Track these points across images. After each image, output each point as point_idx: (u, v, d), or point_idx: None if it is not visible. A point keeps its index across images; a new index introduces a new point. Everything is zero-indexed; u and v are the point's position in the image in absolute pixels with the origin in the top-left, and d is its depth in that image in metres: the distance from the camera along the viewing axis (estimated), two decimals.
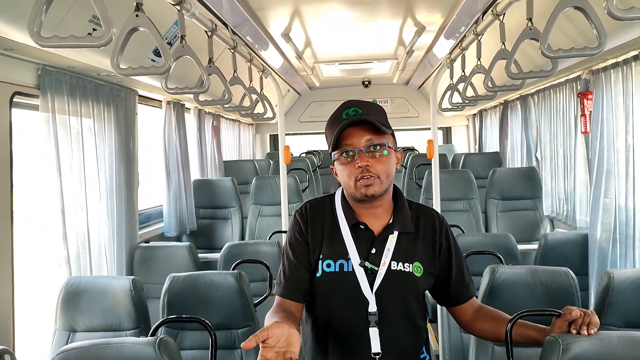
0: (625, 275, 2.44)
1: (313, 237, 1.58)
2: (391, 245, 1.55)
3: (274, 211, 4.99)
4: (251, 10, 3.23)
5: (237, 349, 2.60)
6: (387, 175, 1.53)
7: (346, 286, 1.53)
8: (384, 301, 1.52)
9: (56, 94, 2.78)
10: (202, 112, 5.39)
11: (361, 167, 1.49)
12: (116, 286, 2.64)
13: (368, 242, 1.56)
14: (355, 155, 1.50)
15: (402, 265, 1.55)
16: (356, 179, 1.50)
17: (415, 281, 1.56)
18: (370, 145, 1.50)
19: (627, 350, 1.50)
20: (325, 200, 1.65)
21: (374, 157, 1.51)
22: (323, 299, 1.57)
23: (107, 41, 1.57)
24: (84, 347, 1.72)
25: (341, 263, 1.54)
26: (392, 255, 1.54)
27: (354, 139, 1.51)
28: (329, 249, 1.56)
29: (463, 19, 3.29)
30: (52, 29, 2.08)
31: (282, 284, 1.59)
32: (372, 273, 1.52)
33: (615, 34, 2.60)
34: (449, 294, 1.66)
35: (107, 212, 3.36)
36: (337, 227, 1.58)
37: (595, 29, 1.71)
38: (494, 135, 6.68)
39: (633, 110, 3.11)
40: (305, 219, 1.61)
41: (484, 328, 1.68)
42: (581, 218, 4.18)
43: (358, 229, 1.57)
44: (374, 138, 1.51)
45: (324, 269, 1.55)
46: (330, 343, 1.56)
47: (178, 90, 2.59)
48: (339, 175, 1.56)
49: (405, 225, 1.58)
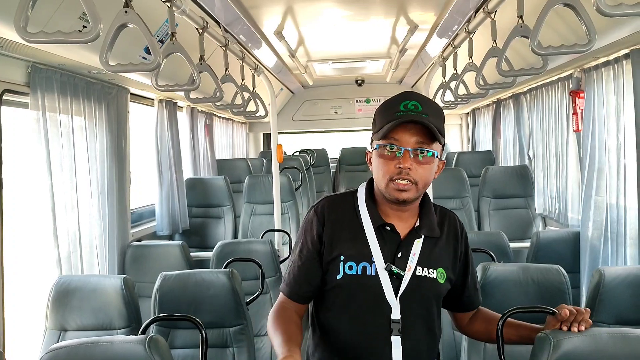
0: (616, 273, 2.46)
1: (331, 236, 1.49)
2: (417, 249, 1.48)
3: (266, 210, 4.98)
4: (244, 8, 3.22)
5: (229, 347, 2.59)
6: (425, 183, 1.43)
7: (369, 291, 1.44)
8: (407, 308, 1.45)
9: (46, 91, 2.75)
10: (195, 111, 5.37)
11: (402, 168, 1.39)
12: (107, 285, 2.63)
13: (394, 245, 1.47)
14: (400, 153, 1.40)
15: (427, 271, 1.48)
16: (391, 178, 1.41)
17: (438, 288, 1.50)
18: (418, 149, 1.40)
19: (618, 347, 1.51)
20: (347, 197, 1.55)
21: (418, 161, 1.41)
22: (341, 303, 1.48)
23: (94, 37, 1.55)
24: (74, 345, 1.71)
25: (364, 266, 1.45)
26: (417, 261, 1.47)
27: (405, 136, 1.40)
28: (352, 250, 1.47)
29: (455, 17, 3.30)
30: (41, 25, 2.07)
31: (290, 283, 1.54)
32: (397, 278, 1.44)
33: (606, 32, 2.61)
34: (462, 301, 1.63)
35: (98, 211, 3.34)
36: (360, 226, 1.49)
37: (584, 25, 1.71)
38: (487, 134, 6.70)
39: (624, 108, 3.12)
40: (323, 216, 1.52)
41: (477, 329, 1.68)
42: (573, 216, 4.20)
43: (383, 231, 1.48)
44: (424, 142, 1.41)
45: (346, 271, 1.45)
46: (345, 351, 1.48)
47: (169, 88, 2.58)
48: (374, 167, 1.46)
49: (432, 230, 1.51)
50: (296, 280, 1.53)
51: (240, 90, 3.69)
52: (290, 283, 1.54)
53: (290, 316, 1.49)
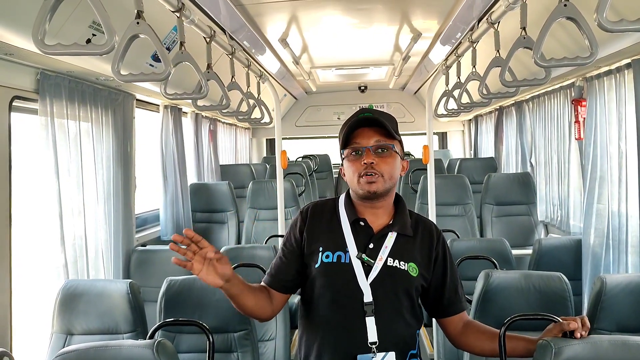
0: (617, 281, 2.48)
1: (312, 231, 1.66)
2: (389, 243, 1.62)
3: (270, 215, 5.01)
4: (249, 16, 3.26)
5: (234, 352, 2.61)
6: (391, 175, 1.61)
7: (343, 276, 1.59)
8: (379, 293, 1.57)
9: (55, 98, 2.80)
10: (199, 116, 5.41)
11: (367, 163, 1.58)
12: (113, 289, 2.65)
13: (366, 238, 1.63)
14: (362, 153, 1.59)
15: (399, 262, 1.61)
16: (360, 174, 1.59)
17: (409, 279, 1.61)
18: (378, 146, 1.60)
19: (618, 354, 1.53)
20: (329, 202, 1.74)
21: (379, 156, 1.60)
22: (320, 289, 1.62)
23: (109, 49, 1.60)
24: (83, 349, 1.74)
25: (339, 255, 1.61)
26: (389, 252, 1.61)
27: (364, 138, 1.60)
28: (329, 241, 1.63)
29: (459, 26, 3.33)
30: (52, 34, 2.11)
31: (270, 273, 1.71)
32: (368, 266, 1.59)
33: (608, 42, 2.64)
34: (442, 305, 1.71)
35: (104, 216, 3.37)
36: (338, 222, 1.66)
37: (587, 39, 1.74)
38: (489, 141, 6.72)
39: (626, 117, 3.15)
40: (305, 217, 1.70)
41: (473, 342, 1.72)
42: (575, 223, 4.22)
43: (358, 225, 1.64)
44: (382, 140, 1.61)
45: (323, 260, 1.61)
46: (326, 333, 1.61)
47: (177, 96, 2.61)
48: (346, 172, 1.65)
49: (404, 228, 1.65)
50: (276, 270, 1.70)
51: (246, 98, 3.73)
52: (270, 272, 1.71)
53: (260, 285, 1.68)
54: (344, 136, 1.61)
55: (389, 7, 3.33)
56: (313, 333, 1.64)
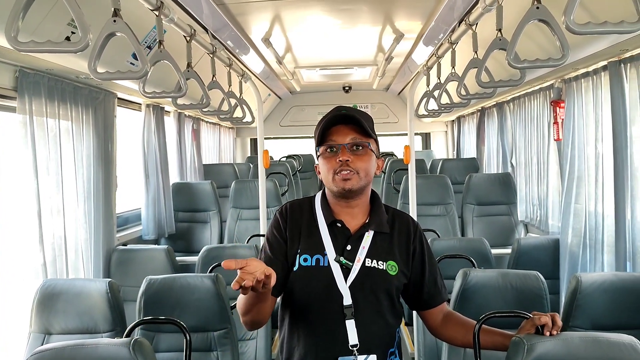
0: (592, 279, 2.52)
1: (292, 233, 1.65)
2: (366, 243, 1.62)
3: (252, 215, 5.01)
4: (232, 15, 3.26)
5: (213, 351, 2.62)
6: (366, 173, 1.60)
7: (322, 280, 1.58)
8: (358, 296, 1.57)
9: (34, 96, 2.77)
10: (182, 116, 5.39)
11: (342, 161, 1.57)
12: (92, 289, 2.64)
13: (344, 239, 1.62)
14: (338, 150, 1.59)
15: (377, 262, 1.61)
16: (335, 171, 1.58)
17: (388, 279, 1.61)
18: (353, 144, 1.59)
19: (589, 351, 1.56)
20: (305, 201, 1.72)
21: (355, 153, 1.59)
22: (300, 292, 1.61)
23: (83, 47, 1.59)
24: (59, 348, 1.73)
25: (317, 258, 1.60)
26: (366, 253, 1.61)
27: (339, 136, 1.59)
28: (307, 244, 1.62)
29: (441, 27, 3.36)
30: (30, 31, 2.09)
31: None
32: (346, 268, 1.58)
33: (585, 44, 2.69)
34: (422, 298, 1.72)
35: (84, 215, 3.35)
36: (316, 224, 1.65)
37: (558, 41, 1.78)
38: (472, 142, 6.78)
39: (602, 118, 3.21)
40: (285, 217, 1.68)
41: (452, 334, 1.74)
42: (553, 223, 4.28)
43: (335, 227, 1.64)
44: (357, 137, 1.60)
45: (301, 263, 1.61)
46: (307, 336, 1.61)
47: (156, 95, 2.60)
48: (321, 169, 1.64)
49: (381, 226, 1.65)
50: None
51: (227, 97, 3.73)
52: None
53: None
54: (320, 133, 1.61)
55: (373, 7, 3.35)
56: (294, 336, 1.64)
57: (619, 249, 2.98)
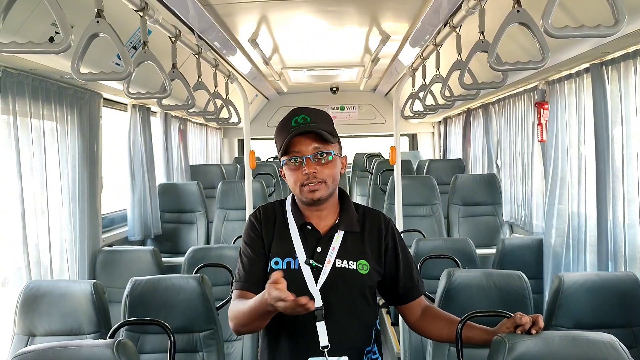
0: (574, 279, 2.56)
1: (266, 236, 1.67)
2: (336, 244, 1.63)
3: (239, 216, 5.00)
4: (218, 16, 3.25)
5: (199, 352, 2.61)
6: (333, 179, 1.62)
7: (293, 283, 1.54)
8: (330, 297, 1.59)
9: (17, 96, 2.76)
10: (169, 116, 5.37)
11: (308, 174, 1.58)
12: (77, 290, 2.62)
13: (314, 241, 1.64)
14: (302, 162, 1.59)
15: (347, 262, 1.62)
16: (302, 184, 1.59)
17: (360, 278, 1.62)
18: (317, 154, 1.59)
19: (569, 349, 1.58)
20: (276, 205, 1.74)
21: (320, 163, 1.60)
22: None
23: (65, 47, 1.59)
24: (41, 349, 1.72)
25: (288, 261, 1.62)
26: (337, 254, 1.62)
27: (302, 146, 1.60)
28: (278, 248, 1.64)
29: (427, 28, 3.37)
30: (13, 31, 2.08)
31: (242, 279, 1.65)
32: (317, 270, 1.60)
33: (567, 47, 2.72)
34: (398, 293, 1.73)
35: (69, 216, 3.33)
36: (287, 227, 1.66)
37: (539, 43, 1.80)
38: (458, 142, 6.82)
39: (585, 120, 3.25)
40: (260, 220, 1.69)
41: (432, 329, 1.75)
42: (538, 223, 4.32)
43: (305, 229, 1.65)
44: (320, 146, 1.60)
45: (272, 267, 1.62)
46: (282, 338, 1.63)
47: (140, 96, 2.60)
48: (287, 180, 1.65)
49: (351, 225, 1.66)
50: (247, 275, 1.65)
51: (213, 98, 3.73)
52: (243, 277, 1.65)
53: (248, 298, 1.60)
54: (282, 146, 1.60)
55: (359, 9, 3.36)
56: (272, 338, 1.66)
57: (601, 249, 3.02)
